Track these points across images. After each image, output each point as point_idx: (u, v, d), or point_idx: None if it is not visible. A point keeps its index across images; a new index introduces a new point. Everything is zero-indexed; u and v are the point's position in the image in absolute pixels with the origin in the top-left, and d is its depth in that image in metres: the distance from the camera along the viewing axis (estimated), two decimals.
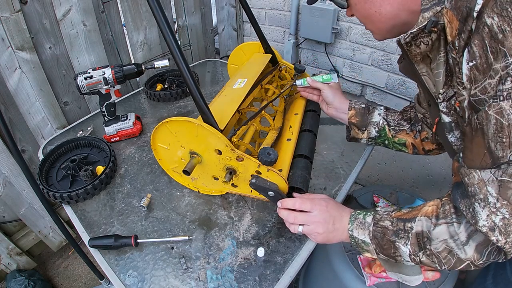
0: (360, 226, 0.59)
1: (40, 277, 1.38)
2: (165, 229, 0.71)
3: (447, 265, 0.51)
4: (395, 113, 0.81)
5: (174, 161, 0.75)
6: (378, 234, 0.56)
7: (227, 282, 0.60)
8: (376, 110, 0.81)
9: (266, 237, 0.68)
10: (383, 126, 0.79)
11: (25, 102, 1.10)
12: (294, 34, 1.64)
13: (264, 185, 0.62)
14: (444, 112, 0.54)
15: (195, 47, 1.75)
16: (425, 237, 0.52)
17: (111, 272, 0.63)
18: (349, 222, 0.60)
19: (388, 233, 0.55)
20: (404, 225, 0.54)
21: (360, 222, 0.59)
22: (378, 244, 0.57)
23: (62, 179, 0.84)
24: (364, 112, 0.80)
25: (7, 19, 0.96)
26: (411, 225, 0.53)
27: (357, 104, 0.81)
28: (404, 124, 0.79)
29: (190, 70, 0.59)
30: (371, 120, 0.80)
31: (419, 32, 0.48)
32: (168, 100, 1.19)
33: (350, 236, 0.60)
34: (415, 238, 0.53)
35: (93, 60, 1.23)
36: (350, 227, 0.60)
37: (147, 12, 1.35)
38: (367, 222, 0.58)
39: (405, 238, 0.53)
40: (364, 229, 0.58)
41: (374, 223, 0.58)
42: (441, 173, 1.52)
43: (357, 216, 0.60)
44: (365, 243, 0.58)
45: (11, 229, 1.35)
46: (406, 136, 0.78)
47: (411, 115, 0.79)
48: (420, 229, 0.52)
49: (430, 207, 0.54)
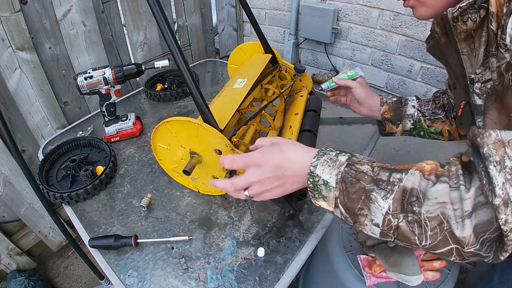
0: (328, 163, 0.46)
1: (40, 277, 1.38)
2: (165, 229, 0.71)
3: (429, 241, 0.39)
4: (428, 102, 0.79)
5: (174, 161, 0.75)
6: (349, 178, 0.44)
7: (227, 282, 0.60)
8: (409, 102, 0.79)
9: (266, 237, 0.68)
10: (418, 118, 0.78)
11: (25, 102, 1.10)
12: (294, 34, 1.64)
13: None
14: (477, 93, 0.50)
15: (195, 47, 1.76)
16: (414, 196, 0.40)
17: (111, 272, 0.63)
18: (315, 156, 0.48)
19: (364, 179, 0.43)
20: (390, 176, 0.42)
21: (330, 159, 0.46)
22: (344, 191, 0.44)
23: (62, 179, 0.84)
24: (397, 106, 0.78)
25: (7, 19, 0.96)
26: (400, 176, 0.41)
27: (388, 98, 0.79)
28: (439, 112, 0.77)
29: (190, 70, 0.59)
30: (405, 113, 0.78)
31: (468, 7, 0.46)
32: (168, 100, 1.19)
33: (310, 174, 0.47)
34: (401, 194, 0.40)
35: (93, 60, 1.23)
36: (314, 162, 0.47)
37: (147, 12, 1.35)
38: (339, 161, 0.46)
39: (386, 191, 0.41)
40: (332, 167, 0.45)
41: (348, 163, 0.45)
42: None
43: (328, 152, 0.48)
44: (326, 186, 0.45)
45: (11, 229, 1.35)
46: (442, 124, 0.77)
47: (444, 101, 0.77)
48: (411, 185, 0.40)
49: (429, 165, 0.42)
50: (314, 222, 0.71)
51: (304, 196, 0.67)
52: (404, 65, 1.36)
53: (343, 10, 1.43)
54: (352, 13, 1.41)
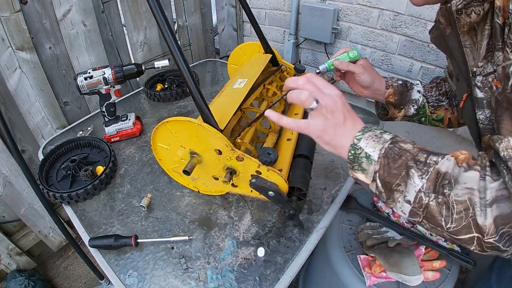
0: (373, 138, 0.48)
1: (40, 277, 1.38)
2: (165, 229, 0.71)
3: (454, 224, 0.41)
4: (431, 88, 0.77)
5: (174, 161, 0.75)
6: (392, 154, 0.46)
7: (227, 282, 0.60)
8: (414, 86, 0.77)
9: (266, 237, 0.68)
10: (423, 103, 0.76)
11: (25, 102, 1.10)
12: (294, 34, 1.64)
13: (264, 185, 0.62)
14: (478, 86, 0.50)
15: (195, 47, 1.75)
16: (447, 180, 0.42)
17: (111, 272, 0.63)
18: (360, 130, 0.50)
19: (406, 155, 0.45)
20: (427, 158, 0.44)
21: (375, 135, 0.49)
22: (386, 166, 0.46)
23: (62, 179, 0.84)
24: (402, 90, 0.75)
25: (7, 19, 0.96)
26: (437, 159, 0.44)
27: (394, 81, 0.76)
28: (442, 99, 0.75)
29: (190, 70, 0.59)
30: (410, 98, 0.76)
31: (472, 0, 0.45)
32: (168, 100, 1.19)
33: (353, 146, 0.49)
34: (435, 175, 0.43)
35: (93, 60, 1.23)
36: (358, 135, 0.49)
37: (147, 12, 1.35)
38: (383, 138, 0.48)
39: (422, 171, 0.44)
40: (377, 143, 0.48)
41: (392, 141, 0.47)
42: None
43: (373, 129, 0.50)
44: (368, 159, 0.47)
45: (11, 229, 1.35)
46: (444, 111, 0.76)
47: (446, 88, 0.76)
48: (445, 169, 0.43)
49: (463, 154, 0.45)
50: (314, 222, 0.71)
51: (304, 196, 0.67)
52: (404, 65, 1.36)
53: (343, 10, 1.43)
54: (352, 13, 1.41)
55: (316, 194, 0.78)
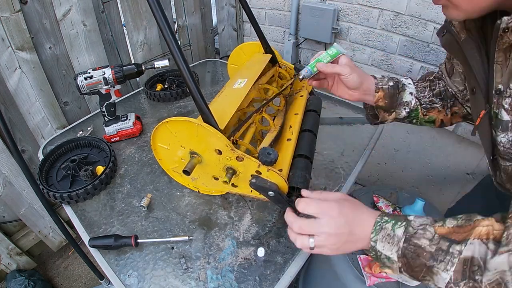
0: (387, 239, 0.47)
1: (40, 277, 1.38)
2: (165, 229, 0.71)
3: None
4: (424, 88, 0.72)
5: (174, 161, 0.75)
6: (409, 254, 0.45)
7: (227, 282, 0.60)
8: (406, 88, 0.72)
9: (266, 237, 0.68)
10: (415, 106, 0.71)
11: (25, 102, 1.10)
12: (294, 34, 1.64)
13: (264, 185, 0.62)
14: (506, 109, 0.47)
15: (195, 47, 1.75)
16: (476, 266, 0.41)
17: (111, 272, 0.63)
18: (373, 231, 0.48)
19: (424, 255, 0.44)
20: (449, 247, 0.43)
21: (388, 234, 0.47)
22: (407, 264, 0.46)
23: (62, 179, 0.84)
24: (393, 93, 0.70)
25: (7, 19, 0.96)
26: (460, 248, 0.42)
27: (384, 82, 0.70)
28: (436, 101, 0.71)
29: (190, 70, 0.59)
30: (401, 100, 0.71)
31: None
32: (168, 100, 1.19)
33: (372, 248, 0.49)
34: (462, 265, 0.42)
35: (93, 60, 1.23)
36: (373, 237, 0.48)
37: (147, 12, 1.35)
38: (396, 236, 0.47)
39: (446, 263, 0.43)
40: (392, 244, 0.47)
41: (406, 238, 0.46)
42: (441, 173, 1.52)
43: (384, 225, 0.48)
44: (389, 260, 0.47)
45: (11, 229, 1.35)
46: (437, 113, 0.72)
47: (440, 88, 0.71)
48: (471, 255, 0.41)
49: (485, 227, 0.43)
50: None
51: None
52: (404, 65, 1.36)
53: (343, 10, 1.43)
54: (352, 13, 1.41)
55: None
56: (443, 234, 0.45)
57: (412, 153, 1.58)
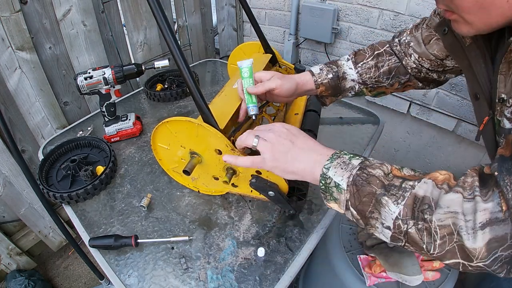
0: (341, 166, 0.47)
1: (40, 277, 1.38)
2: (165, 229, 0.71)
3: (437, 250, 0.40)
4: (370, 70, 0.71)
5: (174, 161, 0.75)
6: (360, 181, 0.45)
7: (228, 282, 0.60)
8: (347, 76, 0.72)
9: (266, 237, 0.68)
10: (360, 89, 0.73)
11: (25, 102, 1.10)
12: (294, 34, 1.64)
13: (264, 185, 0.62)
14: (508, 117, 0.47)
15: (195, 47, 1.75)
16: (426, 204, 0.40)
17: (111, 272, 0.63)
18: (329, 158, 0.49)
19: (376, 183, 0.44)
20: (403, 182, 0.43)
21: (343, 162, 0.47)
22: (356, 194, 0.45)
23: (62, 179, 0.84)
24: (335, 84, 0.71)
25: (7, 19, 0.96)
26: (413, 183, 0.42)
27: (323, 77, 0.71)
28: (383, 81, 0.71)
29: (190, 70, 0.59)
30: (344, 87, 0.73)
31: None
32: (168, 100, 1.19)
33: (322, 175, 0.48)
34: (412, 201, 0.41)
35: (93, 60, 1.23)
36: (327, 164, 0.48)
37: (147, 12, 1.35)
38: (351, 164, 0.47)
39: (397, 197, 0.42)
40: (344, 170, 0.46)
41: (361, 167, 0.46)
42: None
43: (341, 155, 0.49)
44: (337, 188, 0.46)
45: (11, 229, 1.35)
46: (384, 89, 0.73)
47: (390, 65, 0.70)
48: (423, 193, 0.41)
49: (442, 175, 0.43)
50: (314, 222, 0.71)
51: (304, 196, 0.68)
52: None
53: (343, 10, 1.43)
54: (352, 13, 1.41)
55: (316, 194, 0.78)
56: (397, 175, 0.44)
57: (412, 153, 1.58)
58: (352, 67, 0.72)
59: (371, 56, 0.72)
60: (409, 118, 1.47)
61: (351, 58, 0.73)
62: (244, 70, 0.66)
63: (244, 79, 0.67)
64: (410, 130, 1.51)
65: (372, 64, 0.71)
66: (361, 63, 0.71)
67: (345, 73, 0.71)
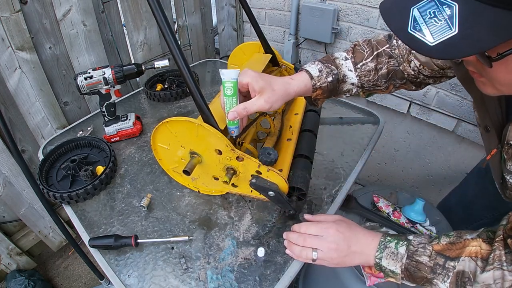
0: (392, 257, 0.55)
1: (40, 277, 1.38)
2: (165, 229, 0.71)
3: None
4: (369, 72, 0.67)
5: (174, 161, 0.75)
6: (412, 268, 0.53)
7: (227, 282, 0.60)
8: (347, 79, 0.68)
9: (266, 237, 0.68)
10: (357, 92, 0.71)
11: (25, 102, 1.10)
12: (294, 34, 1.64)
13: (264, 185, 0.62)
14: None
15: (195, 47, 1.75)
16: (466, 278, 0.49)
17: (111, 272, 0.63)
18: (378, 249, 0.57)
19: (425, 269, 0.52)
20: (445, 262, 0.51)
21: (392, 252, 0.55)
22: (409, 276, 0.54)
23: (62, 179, 0.84)
24: (333, 87, 0.67)
25: (7, 19, 0.96)
26: (454, 264, 0.50)
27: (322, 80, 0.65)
28: (380, 84, 0.69)
29: (190, 70, 0.59)
30: (342, 90, 0.69)
31: None
32: (168, 100, 1.19)
33: (377, 264, 0.56)
34: (456, 277, 0.50)
35: (93, 60, 1.23)
36: (378, 255, 0.56)
37: (147, 12, 1.35)
38: (400, 253, 0.55)
39: (443, 275, 0.51)
40: (396, 261, 0.55)
41: (408, 255, 0.54)
42: (441, 173, 1.52)
43: (388, 244, 0.56)
44: (393, 273, 0.55)
45: (11, 229, 1.35)
46: (379, 91, 0.73)
47: (389, 67, 0.67)
48: (462, 269, 0.49)
49: (473, 247, 0.50)
50: None
51: (304, 196, 0.67)
52: None
53: (343, 10, 1.43)
54: (352, 13, 1.41)
55: (316, 194, 0.78)
56: (439, 251, 0.53)
57: (412, 153, 1.58)
58: (352, 68, 0.68)
59: (370, 56, 0.68)
60: (409, 118, 1.47)
61: (349, 58, 0.69)
62: (228, 86, 0.56)
63: (227, 97, 0.57)
64: (410, 130, 1.51)
65: (372, 67, 0.67)
66: (361, 64, 0.68)
67: (346, 76, 0.68)
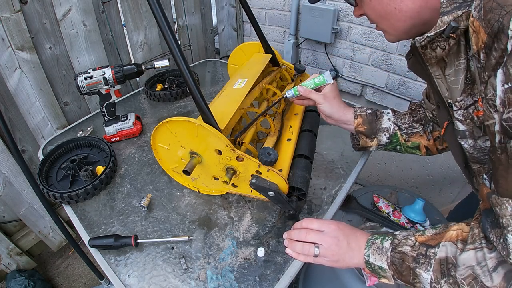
0: (377, 252, 0.56)
1: (40, 277, 1.38)
2: (165, 229, 0.71)
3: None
4: (404, 115, 0.76)
5: (174, 161, 0.75)
6: (396, 260, 0.54)
7: (227, 282, 0.60)
8: (384, 115, 0.76)
9: (266, 237, 0.68)
10: (394, 131, 0.75)
11: (25, 102, 1.10)
12: (294, 34, 1.64)
13: (264, 185, 0.62)
14: (459, 120, 0.52)
15: (195, 47, 1.75)
16: (450, 263, 0.48)
17: (111, 272, 0.63)
18: (366, 246, 0.58)
19: (407, 259, 0.52)
20: (427, 251, 0.51)
21: (378, 247, 0.57)
22: (396, 271, 0.54)
23: (62, 179, 0.84)
24: (372, 119, 0.75)
25: (7, 19, 0.96)
26: (434, 250, 0.50)
27: (363, 110, 0.76)
28: (416, 126, 0.74)
29: (190, 70, 0.59)
30: (380, 126, 0.75)
31: (436, 36, 0.46)
32: (168, 100, 1.19)
33: (366, 262, 0.57)
34: (438, 265, 0.49)
35: (93, 60, 1.23)
36: (366, 252, 0.57)
37: (147, 12, 1.35)
38: (384, 247, 0.56)
39: (426, 264, 0.50)
40: (381, 255, 0.56)
41: (392, 248, 0.55)
42: (441, 173, 1.52)
43: (374, 241, 0.58)
44: (382, 269, 0.56)
45: (11, 229, 1.35)
46: (419, 138, 0.74)
47: (421, 115, 0.74)
48: (444, 255, 0.49)
49: (455, 231, 0.51)
50: None
51: (304, 196, 0.68)
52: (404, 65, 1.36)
53: (343, 10, 1.43)
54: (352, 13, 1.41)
55: (316, 194, 0.78)
56: (422, 241, 0.53)
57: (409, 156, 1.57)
58: (389, 111, 0.78)
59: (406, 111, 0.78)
60: None
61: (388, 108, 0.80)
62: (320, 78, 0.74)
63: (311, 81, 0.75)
64: None
65: (406, 113, 0.77)
66: (397, 112, 0.77)
67: (383, 112, 0.77)
